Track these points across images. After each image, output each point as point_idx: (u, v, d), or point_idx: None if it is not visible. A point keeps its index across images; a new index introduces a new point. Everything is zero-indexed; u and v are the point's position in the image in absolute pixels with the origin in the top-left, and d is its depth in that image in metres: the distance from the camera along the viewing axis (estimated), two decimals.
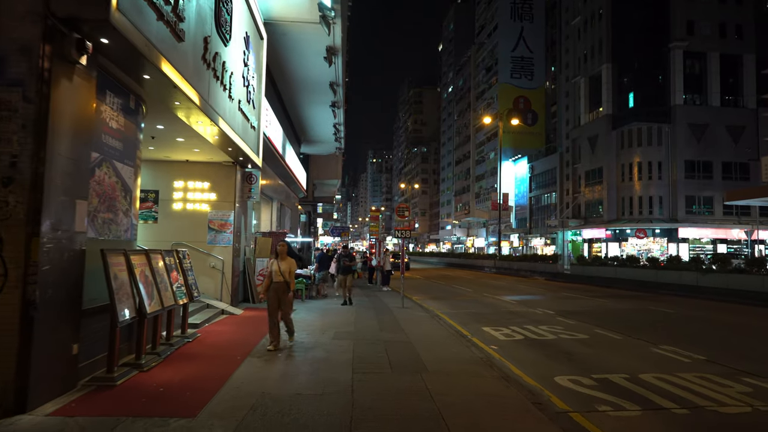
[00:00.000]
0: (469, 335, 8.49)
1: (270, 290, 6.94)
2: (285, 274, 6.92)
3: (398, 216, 12.27)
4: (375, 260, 19.25)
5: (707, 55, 39.90)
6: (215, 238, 10.31)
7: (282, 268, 6.93)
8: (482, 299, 15.47)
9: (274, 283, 6.94)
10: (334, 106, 17.48)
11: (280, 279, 6.90)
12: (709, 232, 39.22)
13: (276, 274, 6.96)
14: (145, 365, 4.98)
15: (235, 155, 9.67)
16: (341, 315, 10.35)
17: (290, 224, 21.23)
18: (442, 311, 12.10)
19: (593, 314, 11.62)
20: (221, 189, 10.42)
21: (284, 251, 7.09)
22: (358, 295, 15.09)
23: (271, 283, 6.96)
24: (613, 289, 19.16)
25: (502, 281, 24.72)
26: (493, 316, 11.17)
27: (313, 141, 23.83)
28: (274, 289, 6.91)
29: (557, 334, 8.64)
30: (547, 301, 14.79)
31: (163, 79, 5.32)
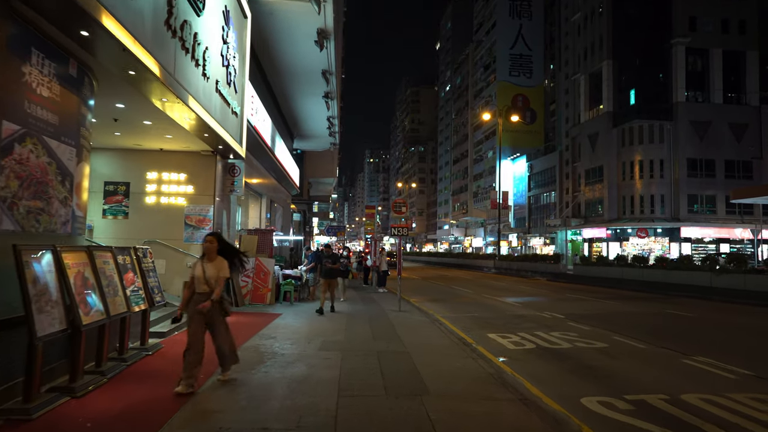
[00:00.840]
0: (473, 343, 7.55)
1: (190, 306, 4.75)
2: (211, 282, 4.74)
3: (395, 212, 11.31)
4: (370, 260, 18.29)
5: (709, 51, 39.16)
6: (192, 235, 9.33)
7: (208, 274, 4.74)
8: (484, 301, 14.54)
9: (197, 295, 4.75)
10: (327, 97, 16.51)
11: (205, 289, 4.73)
12: (711, 232, 38.50)
13: (199, 281, 4.75)
14: (80, 390, 4.00)
15: (213, 143, 8.70)
16: (331, 321, 9.39)
17: (282, 222, 20.25)
18: (442, 315, 11.16)
19: (606, 318, 10.71)
20: (199, 181, 9.44)
21: (213, 249, 4.86)
22: (352, 298, 14.13)
23: (193, 295, 4.78)
24: (620, 290, 18.27)
25: (503, 282, 23.82)
26: (497, 321, 10.24)
27: (306, 136, 22.85)
28: (196, 303, 4.70)
29: (573, 342, 7.70)
30: (553, 304, 13.87)
31: (108, 39, 4.36)
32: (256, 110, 11.60)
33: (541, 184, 53.64)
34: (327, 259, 10.72)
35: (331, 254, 10.90)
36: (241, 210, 14.26)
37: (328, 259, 10.70)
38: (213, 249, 4.87)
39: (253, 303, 11.11)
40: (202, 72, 7.19)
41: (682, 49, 38.67)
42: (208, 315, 4.70)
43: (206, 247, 4.88)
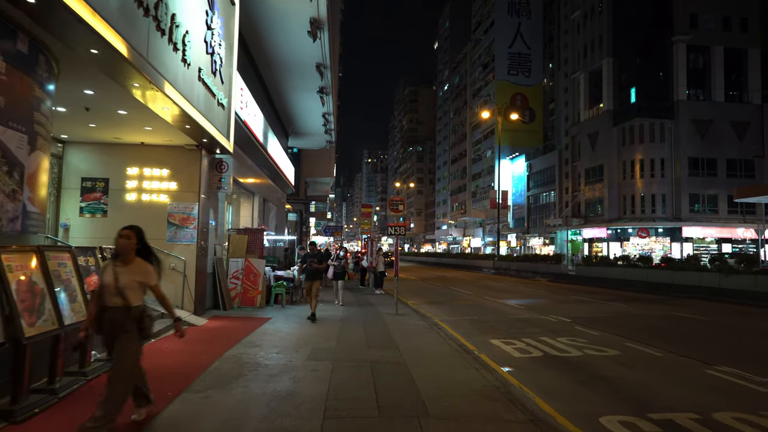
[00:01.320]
0: (475, 351, 6.99)
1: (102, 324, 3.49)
2: (127, 292, 3.46)
3: (392, 210, 10.73)
4: (366, 261, 17.69)
5: (711, 49, 38.73)
6: (176, 234, 8.75)
7: (122, 282, 3.47)
8: (484, 303, 13.99)
9: (108, 309, 3.46)
10: (322, 93, 15.94)
11: (118, 302, 3.45)
12: (713, 231, 38.06)
13: (109, 291, 3.46)
14: (20, 414, 3.43)
15: (197, 136, 8.12)
16: (323, 326, 8.81)
17: (276, 222, 19.67)
18: (441, 318, 10.60)
19: (615, 322, 10.16)
20: (183, 177, 8.87)
21: (129, 247, 3.59)
22: (347, 300, 13.56)
23: (102, 310, 3.48)
24: (625, 291, 17.73)
25: (503, 283, 23.28)
26: (500, 325, 9.69)
27: (301, 133, 22.27)
28: (108, 321, 3.46)
29: (582, 350, 7.15)
30: (557, 306, 13.32)
31: (61, 9, 3.80)
32: (245, 104, 11.03)
33: (541, 184, 53.16)
34: (312, 259, 9.58)
35: (317, 253, 9.87)
36: (232, 209, 13.69)
37: (313, 259, 9.57)
38: (129, 247, 3.57)
39: (243, 306, 10.53)
40: (182, 57, 6.63)
41: (683, 46, 38.22)
42: (121, 338, 3.43)
43: (120, 244, 3.55)
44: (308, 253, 9.91)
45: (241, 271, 10.67)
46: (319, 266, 9.60)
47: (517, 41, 62.15)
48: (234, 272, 10.67)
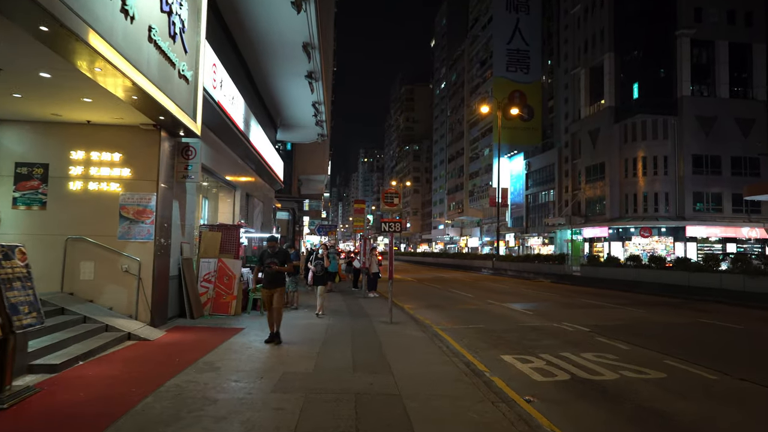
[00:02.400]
0: (487, 372, 5.70)
1: None
2: None
3: (386, 204, 9.39)
4: (358, 262, 16.31)
5: (715, 43, 37.71)
6: (129, 230, 7.39)
7: None
8: (488, 308, 12.71)
9: None
10: (311, 78, 14.60)
11: None
12: (717, 231, 37.03)
13: None
14: None
15: (152, 112, 6.77)
16: (303, 339, 7.48)
17: (262, 219, 18.30)
18: (441, 327, 9.30)
19: (641, 332, 8.90)
20: (138, 163, 7.50)
21: None
22: (336, 306, 12.24)
23: None
24: (638, 294, 16.48)
25: (504, 284, 22.01)
26: (510, 335, 8.39)
27: (290, 125, 20.93)
28: None
29: (617, 370, 5.87)
30: (568, 311, 12.06)
31: None
32: (220, 83, 9.68)
33: (540, 182, 52.05)
34: (271, 259, 7.11)
35: (278, 251, 7.35)
36: (208, 203, 12.33)
37: (272, 259, 7.10)
38: None
39: (215, 314, 9.18)
40: (121, 7, 5.28)
41: (686, 41, 37.16)
42: None
43: None
44: (266, 252, 7.31)
45: (213, 274, 9.32)
46: (280, 269, 7.08)
47: (516, 37, 61.08)
48: (205, 275, 9.32)
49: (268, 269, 7.11)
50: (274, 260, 7.15)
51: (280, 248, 7.74)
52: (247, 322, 8.76)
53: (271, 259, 7.17)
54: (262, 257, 7.32)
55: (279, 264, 7.16)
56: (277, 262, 7.17)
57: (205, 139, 10.09)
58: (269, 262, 7.13)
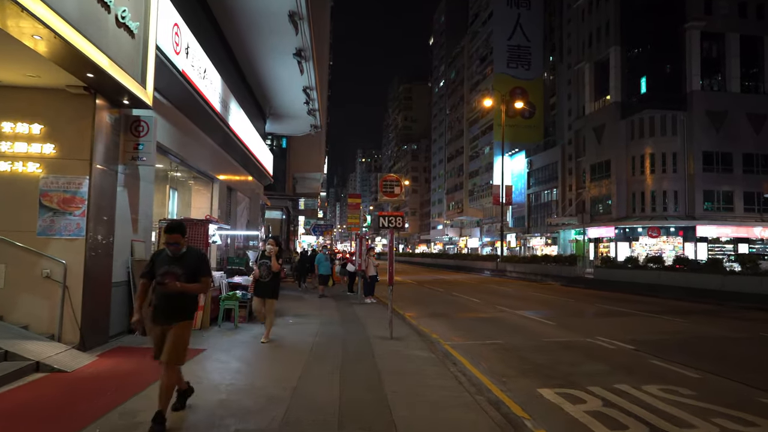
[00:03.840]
0: (529, 421, 4.06)
1: None
2: None
3: (384, 194, 7.72)
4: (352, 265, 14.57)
5: (725, 36, 36.32)
6: (53, 223, 5.74)
7: None
8: (501, 317, 11.09)
9: None
10: (300, 57, 12.96)
11: None
12: (729, 231, 35.60)
13: None
14: None
15: (75, 67, 5.13)
16: (277, 365, 5.84)
17: (249, 216, 16.65)
18: (451, 343, 7.68)
19: (699, 350, 7.30)
20: (66, 138, 5.86)
21: None
22: (327, 315, 10.60)
23: None
24: (665, 299, 14.85)
25: (511, 287, 20.41)
26: (538, 356, 6.77)
27: (280, 115, 19.28)
28: None
29: (708, 417, 4.23)
30: (597, 322, 10.46)
31: None
32: (186, 49, 8.03)
33: (542, 181, 50.56)
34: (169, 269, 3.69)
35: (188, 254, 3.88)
36: (178, 195, 10.65)
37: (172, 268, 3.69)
38: None
39: None
40: None
41: (696, 33, 35.75)
42: None
43: None
44: (163, 254, 3.91)
45: None
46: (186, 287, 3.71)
47: (517, 33, 59.67)
48: None
49: (160, 287, 3.64)
50: (174, 270, 3.66)
51: (193, 250, 3.92)
52: (214, 339, 7.11)
53: (170, 268, 3.67)
54: (154, 264, 3.81)
55: (186, 278, 3.69)
56: (181, 273, 3.67)
57: (169, 117, 8.44)
58: (165, 273, 3.65)
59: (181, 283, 3.67)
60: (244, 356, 6.12)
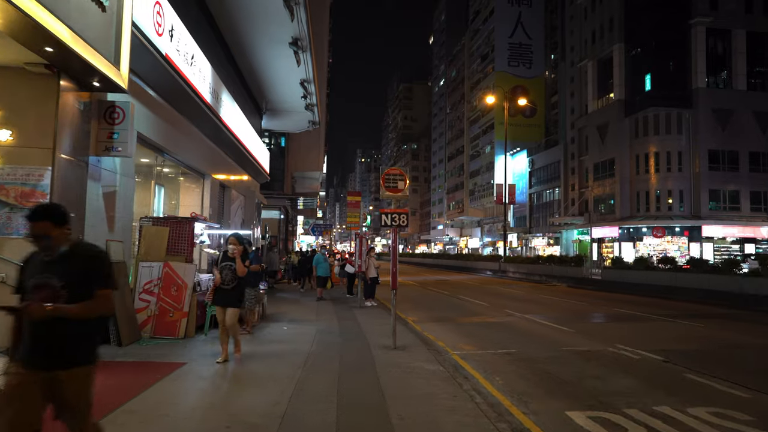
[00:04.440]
0: None
1: None
2: None
3: (387, 189, 7.01)
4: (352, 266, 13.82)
5: (732, 32, 35.66)
6: (9, 220, 5.05)
7: None
8: (511, 322, 10.40)
9: None
10: (297, 47, 12.26)
11: None
12: (735, 231, 34.95)
13: None
14: None
15: (30, 38, 4.43)
16: (270, 378, 5.14)
17: (243, 215, 15.95)
18: (461, 353, 6.99)
19: (737, 361, 6.63)
20: (25, 124, 5.17)
21: None
22: (325, 320, 9.91)
23: None
24: (681, 302, 14.11)
25: (518, 289, 19.72)
26: (560, 368, 6.09)
27: (277, 110, 18.58)
28: None
29: None
30: (616, 327, 9.77)
31: None
32: (170, 32, 7.33)
33: (544, 181, 49.91)
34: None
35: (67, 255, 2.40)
36: (165, 192, 9.94)
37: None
38: None
39: (156, 336, 6.81)
40: None
41: (702, 29, 35.07)
42: None
43: None
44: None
45: (157, 283, 6.96)
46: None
47: (518, 31, 59.03)
48: (146, 284, 6.96)
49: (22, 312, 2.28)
50: (47, 282, 2.32)
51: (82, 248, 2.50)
52: (198, 350, 6.40)
53: (41, 279, 2.33)
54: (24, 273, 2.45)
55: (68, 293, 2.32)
56: (60, 286, 2.32)
57: (153, 107, 7.75)
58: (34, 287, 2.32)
59: (57, 304, 2.23)
60: (229, 371, 5.42)
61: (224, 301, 5.67)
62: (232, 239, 5.73)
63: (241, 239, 5.78)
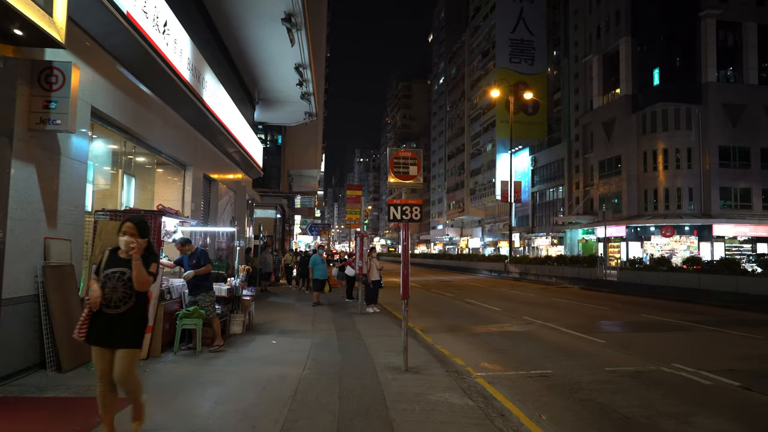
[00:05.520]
0: None
1: None
2: None
3: (396, 177, 5.70)
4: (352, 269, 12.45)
5: (743, 25, 34.56)
6: None
7: None
8: (532, 331, 9.14)
9: None
10: (290, 24, 10.96)
11: None
12: (747, 230, 33.85)
13: None
14: None
15: None
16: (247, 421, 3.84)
17: (234, 212, 14.64)
18: (486, 375, 5.74)
19: None
20: None
21: None
22: (322, 331, 8.62)
23: None
24: (717, 307, 12.85)
25: (528, 292, 18.47)
26: (616, 399, 4.83)
27: (270, 100, 17.30)
28: None
29: None
30: (659, 340, 8.52)
31: None
32: None
33: (547, 179, 48.76)
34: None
35: None
36: (136, 183, 8.63)
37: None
38: None
39: None
40: None
41: (712, 22, 33.93)
42: None
43: None
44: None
45: None
46: None
47: (520, 26, 57.89)
48: None
49: None
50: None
51: None
52: (160, 376, 5.09)
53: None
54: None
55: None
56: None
57: (115, 80, 6.48)
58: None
59: None
60: (192, 411, 4.11)
61: (109, 337, 3.23)
62: (129, 226, 3.29)
63: (143, 226, 3.37)
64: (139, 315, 3.36)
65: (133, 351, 3.32)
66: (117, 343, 3.25)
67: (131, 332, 3.30)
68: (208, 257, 6.47)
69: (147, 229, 3.42)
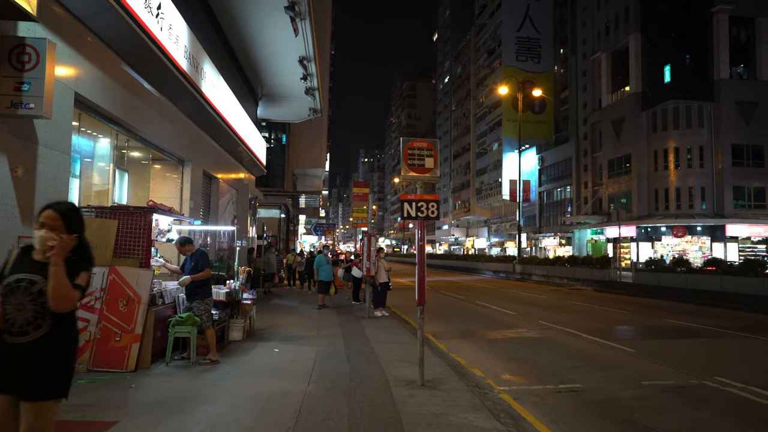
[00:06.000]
0: None
1: None
2: None
3: (411, 169, 5.08)
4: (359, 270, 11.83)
5: (756, 21, 33.79)
6: None
7: None
8: (551, 337, 8.54)
9: None
10: (294, 12, 10.42)
11: None
12: (761, 230, 33.03)
13: None
14: None
15: None
16: None
17: (236, 211, 14.13)
18: (509, 389, 5.19)
19: None
20: None
21: None
22: (328, 337, 8.07)
23: None
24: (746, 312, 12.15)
25: (540, 294, 17.84)
26: (659, 419, 4.30)
27: (274, 95, 16.78)
28: None
29: None
30: (693, 349, 7.91)
31: None
32: None
33: (555, 178, 48.03)
34: None
35: None
36: (129, 179, 8.10)
37: None
38: None
39: (96, 369, 4.96)
40: None
41: (724, 17, 33.15)
42: None
43: None
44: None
45: (99, 295, 5.12)
46: None
47: (526, 24, 57.14)
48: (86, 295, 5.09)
49: None
50: None
51: None
52: (146, 392, 4.54)
53: None
54: None
55: None
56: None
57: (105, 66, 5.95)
58: None
59: None
60: None
61: (4, 379, 2.12)
62: (48, 216, 2.23)
63: (72, 216, 2.31)
64: (59, 348, 2.16)
65: (46, 405, 2.11)
66: (18, 390, 2.08)
67: (43, 374, 2.10)
68: (207, 260, 5.91)
69: (79, 222, 2.31)
